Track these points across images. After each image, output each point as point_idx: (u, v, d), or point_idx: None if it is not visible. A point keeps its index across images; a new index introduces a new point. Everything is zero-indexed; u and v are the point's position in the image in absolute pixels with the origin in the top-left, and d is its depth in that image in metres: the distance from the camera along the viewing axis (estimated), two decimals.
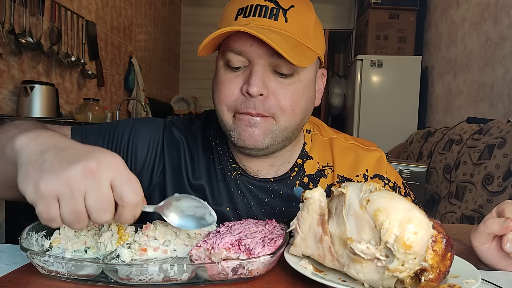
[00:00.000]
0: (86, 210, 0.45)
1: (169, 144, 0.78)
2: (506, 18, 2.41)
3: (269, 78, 0.67)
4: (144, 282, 0.48)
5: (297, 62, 0.63)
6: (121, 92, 3.63)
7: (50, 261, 0.49)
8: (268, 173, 0.77)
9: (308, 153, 0.80)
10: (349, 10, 4.94)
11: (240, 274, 0.50)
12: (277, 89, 0.67)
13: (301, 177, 0.78)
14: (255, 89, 0.65)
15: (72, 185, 0.44)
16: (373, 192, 0.49)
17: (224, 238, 0.55)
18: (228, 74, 0.69)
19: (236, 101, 0.68)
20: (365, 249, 0.46)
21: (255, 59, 0.66)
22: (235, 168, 0.77)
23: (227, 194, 0.77)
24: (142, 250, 0.58)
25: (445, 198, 2.18)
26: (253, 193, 0.76)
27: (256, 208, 0.76)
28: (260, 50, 0.65)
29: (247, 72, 0.67)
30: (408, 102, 3.48)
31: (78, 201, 0.44)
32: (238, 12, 0.68)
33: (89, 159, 0.46)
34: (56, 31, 2.49)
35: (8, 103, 2.20)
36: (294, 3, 0.68)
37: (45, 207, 0.44)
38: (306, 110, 0.72)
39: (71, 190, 0.44)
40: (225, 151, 0.78)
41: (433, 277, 0.46)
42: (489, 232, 0.59)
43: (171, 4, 4.95)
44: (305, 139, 0.81)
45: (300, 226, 0.55)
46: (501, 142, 1.88)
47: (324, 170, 0.80)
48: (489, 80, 2.57)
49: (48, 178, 0.44)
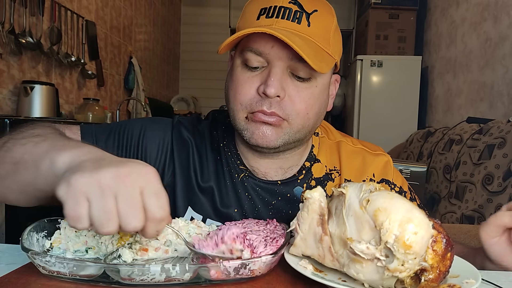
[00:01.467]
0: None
1: (178, 144, 0.78)
2: (506, 18, 2.41)
3: (287, 81, 0.67)
4: (146, 282, 0.49)
5: (319, 68, 0.63)
6: (121, 92, 3.63)
7: (51, 262, 0.49)
8: (276, 175, 0.77)
9: (316, 156, 0.80)
10: (349, 10, 4.94)
11: (242, 274, 0.50)
12: (293, 92, 0.68)
13: (308, 180, 0.78)
14: (272, 90, 0.65)
15: (103, 184, 0.43)
16: (373, 192, 0.49)
17: (230, 230, 0.55)
18: (246, 73, 0.69)
19: (251, 100, 0.68)
20: (365, 249, 0.46)
21: (274, 60, 0.66)
22: (242, 170, 0.77)
23: (235, 196, 0.76)
24: (143, 250, 0.58)
25: (445, 198, 2.19)
26: (260, 196, 0.76)
27: (263, 211, 0.76)
28: (281, 53, 0.65)
29: (265, 73, 0.67)
30: (408, 102, 3.48)
31: (109, 201, 0.43)
32: (260, 12, 0.68)
33: (122, 166, 0.46)
34: (56, 31, 2.49)
35: (8, 103, 2.20)
36: (317, 7, 0.68)
37: (73, 204, 0.43)
38: (319, 115, 0.73)
39: (101, 189, 0.43)
40: (233, 152, 0.78)
41: (433, 277, 0.46)
42: (500, 224, 0.59)
43: (171, 4, 4.95)
44: (313, 141, 0.81)
45: (300, 226, 0.55)
46: (501, 142, 1.88)
47: (332, 174, 0.79)
48: (489, 80, 2.57)
49: (79, 176, 0.44)
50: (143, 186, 0.45)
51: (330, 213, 0.53)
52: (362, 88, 3.54)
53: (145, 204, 0.45)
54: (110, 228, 0.44)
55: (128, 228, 0.44)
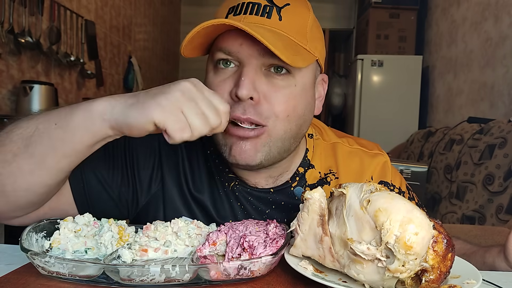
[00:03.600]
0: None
1: (166, 150, 0.74)
2: (507, 18, 2.41)
3: (261, 80, 0.62)
4: (145, 282, 0.48)
5: (291, 61, 0.58)
6: (120, 91, 3.63)
7: (51, 262, 0.49)
8: (267, 184, 0.73)
9: (310, 161, 0.76)
10: (350, 9, 4.94)
11: (242, 274, 0.50)
12: (269, 92, 0.62)
13: (302, 186, 0.74)
14: (244, 92, 0.59)
15: (187, 96, 0.53)
16: (374, 192, 0.48)
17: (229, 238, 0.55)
18: (217, 77, 0.64)
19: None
20: (366, 249, 0.46)
21: (245, 59, 0.61)
22: (232, 178, 0.73)
23: (228, 205, 0.73)
24: (143, 251, 0.58)
25: (445, 198, 2.18)
26: (253, 205, 0.73)
27: None
28: (250, 49, 0.60)
29: (237, 74, 0.62)
30: (408, 101, 3.48)
31: (199, 104, 0.53)
32: (228, 11, 0.64)
33: (177, 84, 0.54)
34: (55, 31, 2.48)
35: (7, 103, 2.20)
36: (289, 1, 0.64)
37: (176, 120, 0.52)
38: (304, 118, 0.67)
39: (189, 98, 0.53)
40: (220, 160, 0.73)
41: (433, 278, 0.46)
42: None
43: (171, 4, 4.95)
44: (307, 145, 0.77)
45: (300, 227, 0.54)
46: (502, 142, 1.88)
47: (327, 177, 0.76)
48: (489, 79, 2.57)
49: (164, 97, 0.52)
50: (201, 90, 0.54)
51: (331, 214, 0.53)
52: (362, 87, 3.54)
53: (212, 102, 0.54)
54: (208, 126, 0.54)
55: (215, 124, 0.54)
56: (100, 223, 0.62)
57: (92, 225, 0.61)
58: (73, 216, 0.62)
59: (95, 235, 0.60)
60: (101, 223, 0.62)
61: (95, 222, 0.62)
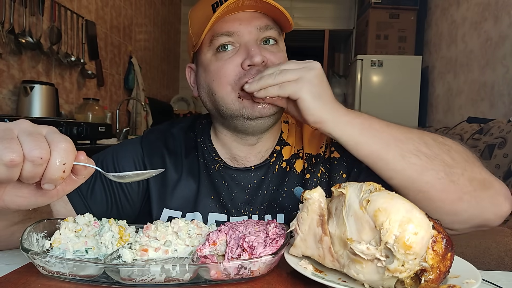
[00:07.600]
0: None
1: (148, 152, 0.83)
2: (507, 18, 2.41)
3: (262, 49, 0.73)
4: (145, 282, 0.49)
5: (292, 22, 0.72)
6: (121, 91, 3.63)
7: (51, 262, 0.49)
8: (254, 160, 0.81)
9: (285, 140, 0.84)
10: (349, 9, 4.94)
11: (241, 274, 0.50)
12: (271, 56, 0.73)
13: (280, 162, 0.82)
14: (259, 57, 0.69)
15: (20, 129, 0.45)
16: (373, 192, 0.49)
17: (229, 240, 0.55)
18: (221, 60, 0.73)
19: (238, 75, 0.71)
20: (365, 249, 0.46)
21: (246, 36, 0.72)
22: (217, 161, 0.82)
23: (211, 185, 0.80)
24: (143, 251, 0.58)
25: None
26: (236, 181, 0.81)
27: (240, 195, 0.79)
28: (249, 26, 0.72)
29: (242, 50, 0.72)
30: (408, 101, 3.48)
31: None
32: (213, 7, 0.71)
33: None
34: (56, 31, 2.49)
35: (7, 103, 2.20)
36: None
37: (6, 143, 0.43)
38: None
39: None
40: (209, 146, 0.83)
41: (433, 278, 0.46)
42: None
43: (171, 4, 4.95)
44: (283, 128, 0.86)
45: (300, 226, 0.55)
46: (501, 142, 1.88)
47: (299, 152, 0.84)
48: (489, 79, 2.57)
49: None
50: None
51: (330, 214, 0.53)
52: (362, 88, 3.54)
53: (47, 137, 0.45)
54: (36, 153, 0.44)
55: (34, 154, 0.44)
56: (101, 223, 0.62)
57: (93, 225, 0.61)
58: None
59: (95, 235, 0.60)
60: (101, 223, 0.62)
61: (95, 222, 0.62)
